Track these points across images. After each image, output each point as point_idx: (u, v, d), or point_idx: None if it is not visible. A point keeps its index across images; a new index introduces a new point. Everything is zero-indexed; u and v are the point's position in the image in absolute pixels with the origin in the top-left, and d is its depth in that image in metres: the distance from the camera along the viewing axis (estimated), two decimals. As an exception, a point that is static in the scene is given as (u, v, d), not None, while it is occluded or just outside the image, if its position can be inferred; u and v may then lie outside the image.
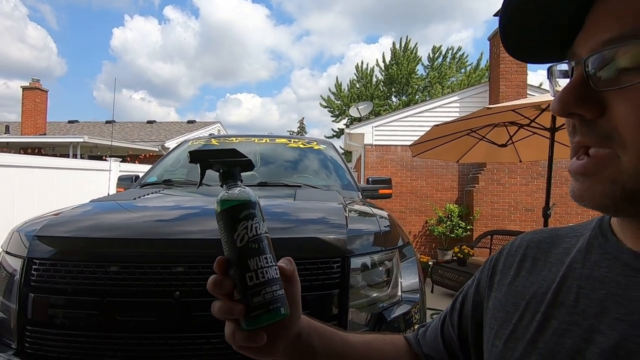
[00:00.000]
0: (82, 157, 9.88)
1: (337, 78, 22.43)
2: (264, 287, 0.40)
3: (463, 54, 19.08)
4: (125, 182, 2.65)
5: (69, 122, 15.72)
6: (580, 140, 0.30)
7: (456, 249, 4.77)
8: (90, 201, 1.65)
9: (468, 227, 6.45)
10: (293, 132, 31.49)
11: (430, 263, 5.01)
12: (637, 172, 0.27)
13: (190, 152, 0.44)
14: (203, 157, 0.45)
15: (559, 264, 0.38)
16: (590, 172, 0.30)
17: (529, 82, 6.40)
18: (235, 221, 0.41)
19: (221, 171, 0.45)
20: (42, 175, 4.37)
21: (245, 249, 0.41)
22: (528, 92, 6.25)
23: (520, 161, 4.46)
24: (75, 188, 4.63)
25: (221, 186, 0.44)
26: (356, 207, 1.81)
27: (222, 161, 0.45)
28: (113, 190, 2.65)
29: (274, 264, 0.41)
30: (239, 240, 0.41)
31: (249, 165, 0.47)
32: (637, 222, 0.32)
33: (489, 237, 5.30)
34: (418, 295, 1.45)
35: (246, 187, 0.45)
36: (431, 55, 19.37)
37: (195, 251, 1.15)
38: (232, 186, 0.44)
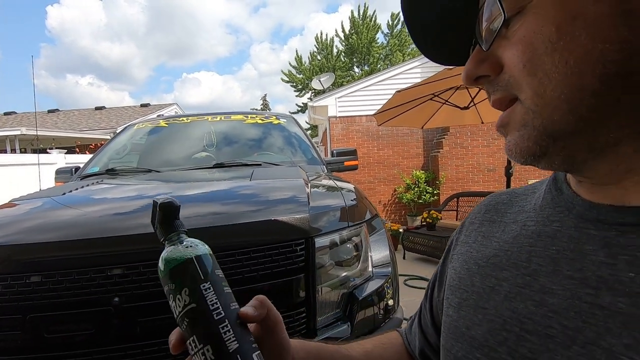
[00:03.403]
0: (22, 152, 9.00)
1: (296, 51, 21.76)
2: None
3: (421, 19, 18.93)
4: (64, 174, 2.38)
5: (5, 113, 14.24)
6: (494, 100, 0.31)
7: (425, 215, 4.85)
8: (11, 200, 1.42)
9: (435, 192, 6.60)
10: (256, 109, 30.57)
11: (400, 230, 5.09)
12: (538, 107, 0.27)
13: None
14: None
15: (513, 224, 0.36)
16: (505, 121, 0.31)
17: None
18: (166, 294, 0.36)
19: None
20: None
21: (181, 328, 0.35)
22: (486, 53, 6.29)
23: (482, 122, 4.51)
24: (12, 187, 4.18)
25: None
26: (319, 181, 1.69)
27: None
28: (51, 185, 2.36)
29: (212, 341, 0.33)
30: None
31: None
32: (586, 182, 0.30)
33: (455, 199, 5.44)
34: (389, 268, 1.38)
35: (184, 241, 0.37)
36: (390, 23, 19.13)
37: (132, 248, 0.99)
38: (167, 244, 0.38)
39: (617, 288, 0.25)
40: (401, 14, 0.37)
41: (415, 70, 6.90)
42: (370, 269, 1.33)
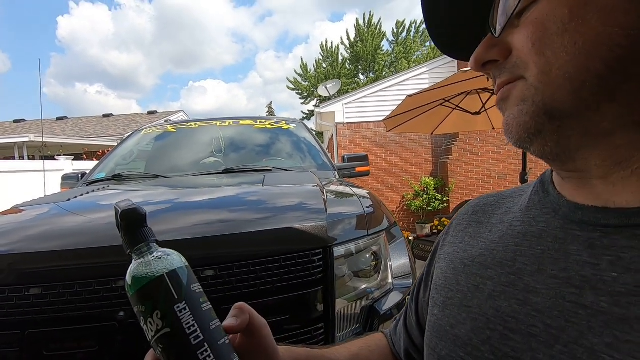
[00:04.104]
0: (30, 158, 9.06)
1: (302, 59, 21.88)
2: None
3: (427, 26, 19.01)
4: (70, 180, 2.34)
5: (15, 121, 14.43)
6: (499, 83, 0.32)
7: (436, 222, 4.75)
8: (12, 207, 1.36)
9: (444, 199, 6.49)
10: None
11: (410, 238, 4.98)
12: (541, 84, 0.27)
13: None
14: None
15: (500, 224, 0.37)
16: (505, 95, 0.31)
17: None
18: (136, 314, 0.32)
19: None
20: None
21: (156, 353, 0.32)
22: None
23: (493, 128, 4.42)
24: (19, 193, 4.16)
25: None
26: (334, 188, 1.62)
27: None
28: (56, 191, 2.32)
29: None
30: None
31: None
32: (573, 177, 0.31)
33: (466, 207, 5.33)
34: (410, 280, 1.30)
35: (154, 252, 0.33)
36: (395, 31, 19.19)
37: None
38: (134, 257, 0.33)
39: (600, 288, 0.26)
40: (420, 12, 0.37)
41: (424, 76, 6.86)
42: (390, 280, 1.25)
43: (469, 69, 3.31)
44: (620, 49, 0.24)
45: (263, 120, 2.72)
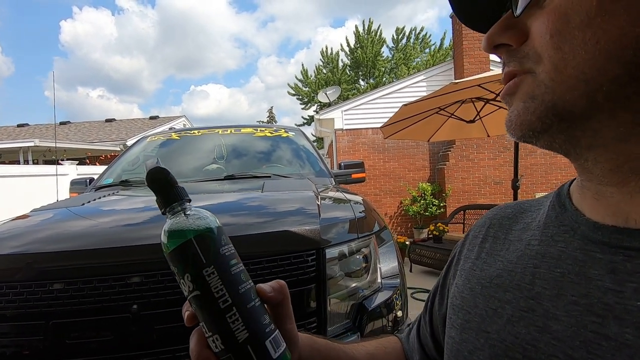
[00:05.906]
0: (34, 163, 9.19)
1: (302, 64, 22.08)
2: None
3: (426, 34, 19.28)
4: (79, 186, 2.45)
5: (18, 125, 14.58)
6: (507, 71, 0.29)
7: (431, 227, 4.84)
8: (31, 211, 1.47)
9: (441, 205, 6.59)
10: (263, 122, 30.90)
11: (407, 243, 5.07)
12: (553, 83, 0.25)
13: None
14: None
15: (518, 242, 0.35)
16: (512, 89, 0.29)
17: (491, 57, 6.50)
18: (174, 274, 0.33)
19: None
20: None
21: (193, 309, 0.33)
22: (491, 67, 6.36)
23: (488, 136, 4.54)
24: (28, 197, 4.27)
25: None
26: (329, 194, 1.72)
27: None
28: (66, 196, 2.43)
29: (220, 331, 0.31)
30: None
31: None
32: (592, 182, 0.29)
33: (462, 212, 5.42)
34: (398, 279, 1.40)
35: (187, 212, 0.33)
36: (395, 37, 19.40)
37: (151, 257, 1.02)
38: (169, 216, 0.34)
39: (624, 317, 0.24)
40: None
41: (421, 83, 6.98)
42: (379, 280, 1.35)
43: (459, 80, 3.44)
44: None
45: (263, 128, 2.84)
